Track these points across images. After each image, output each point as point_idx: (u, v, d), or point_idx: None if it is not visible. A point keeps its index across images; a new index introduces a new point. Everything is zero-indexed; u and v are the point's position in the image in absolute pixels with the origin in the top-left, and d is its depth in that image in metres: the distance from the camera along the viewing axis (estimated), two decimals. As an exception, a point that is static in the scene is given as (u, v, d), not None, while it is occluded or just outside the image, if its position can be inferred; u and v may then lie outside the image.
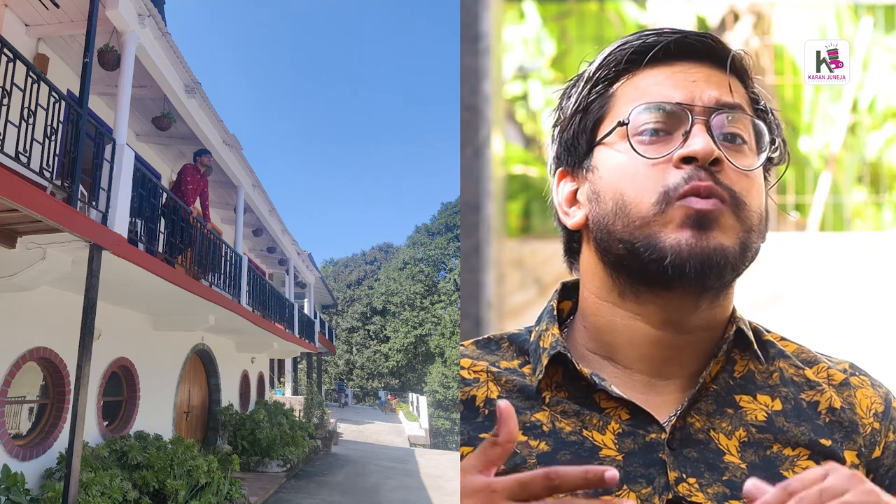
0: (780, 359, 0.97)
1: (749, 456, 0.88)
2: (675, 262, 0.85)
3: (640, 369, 0.93)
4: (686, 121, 0.88)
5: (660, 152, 0.88)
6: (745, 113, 0.91)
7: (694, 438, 0.89)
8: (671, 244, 0.85)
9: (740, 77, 0.94)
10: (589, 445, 0.89)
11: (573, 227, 0.97)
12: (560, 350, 0.94)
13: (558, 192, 1.00)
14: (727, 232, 0.86)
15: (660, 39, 0.91)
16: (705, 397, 0.92)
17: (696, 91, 0.89)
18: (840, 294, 3.06)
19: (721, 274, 0.86)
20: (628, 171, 0.89)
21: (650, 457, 0.87)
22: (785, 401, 0.92)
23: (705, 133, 0.87)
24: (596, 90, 0.95)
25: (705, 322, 0.91)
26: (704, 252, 0.84)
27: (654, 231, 0.86)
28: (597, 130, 0.94)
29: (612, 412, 0.90)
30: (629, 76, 0.93)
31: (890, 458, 0.92)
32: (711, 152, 0.85)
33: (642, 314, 0.92)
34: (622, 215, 0.89)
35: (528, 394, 0.94)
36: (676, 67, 0.92)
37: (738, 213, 0.86)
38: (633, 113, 0.90)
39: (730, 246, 0.85)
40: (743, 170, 0.88)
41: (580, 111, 0.96)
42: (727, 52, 0.92)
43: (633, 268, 0.89)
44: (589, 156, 0.95)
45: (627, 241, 0.88)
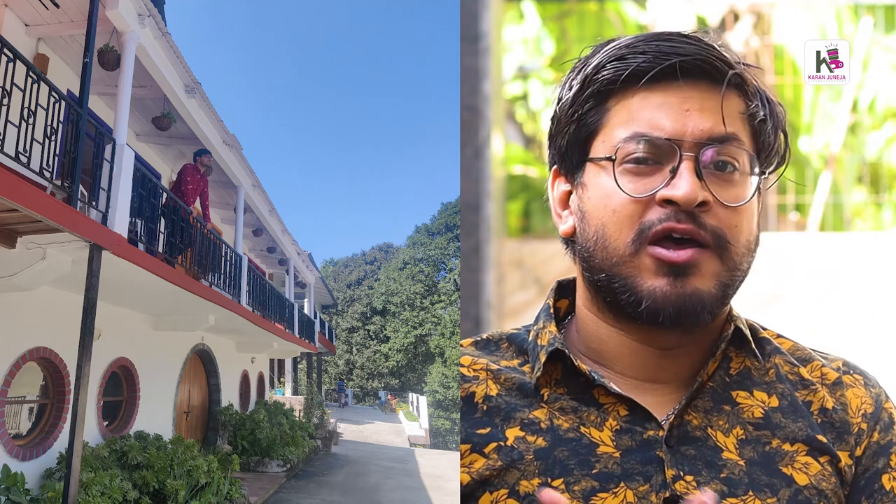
0: (776, 355, 0.97)
1: (748, 452, 0.88)
2: (651, 308, 0.85)
3: (633, 375, 0.93)
4: (674, 156, 0.85)
5: (645, 187, 0.86)
6: (738, 144, 0.88)
7: (691, 436, 0.89)
8: (647, 291, 0.85)
9: (740, 92, 0.90)
10: (586, 442, 0.89)
11: (563, 235, 0.97)
12: (558, 346, 0.94)
13: (554, 190, 1.00)
14: (706, 278, 0.85)
15: (655, 63, 0.87)
16: (702, 395, 0.92)
17: (687, 122, 0.86)
18: (840, 294, 3.06)
19: (696, 320, 0.86)
20: (612, 200, 0.88)
21: (648, 454, 0.87)
22: (781, 397, 0.93)
23: (692, 173, 0.84)
24: (590, 103, 0.92)
25: (693, 337, 0.91)
26: (680, 299, 0.84)
27: (632, 273, 0.86)
28: (589, 144, 0.92)
29: (611, 408, 0.91)
30: (622, 94, 0.90)
31: (868, 458, 0.91)
32: (695, 198, 0.83)
33: (626, 331, 0.92)
34: (601, 247, 0.88)
35: (527, 391, 0.95)
36: (670, 92, 0.88)
37: (721, 254, 0.85)
38: (621, 145, 0.88)
39: (707, 291, 0.85)
40: (732, 206, 0.86)
41: (574, 121, 0.93)
42: (725, 72, 0.88)
43: (611, 299, 0.89)
44: (581, 169, 0.93)
45: (606, 275, 0.88)
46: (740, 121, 0.89)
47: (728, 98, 0.88)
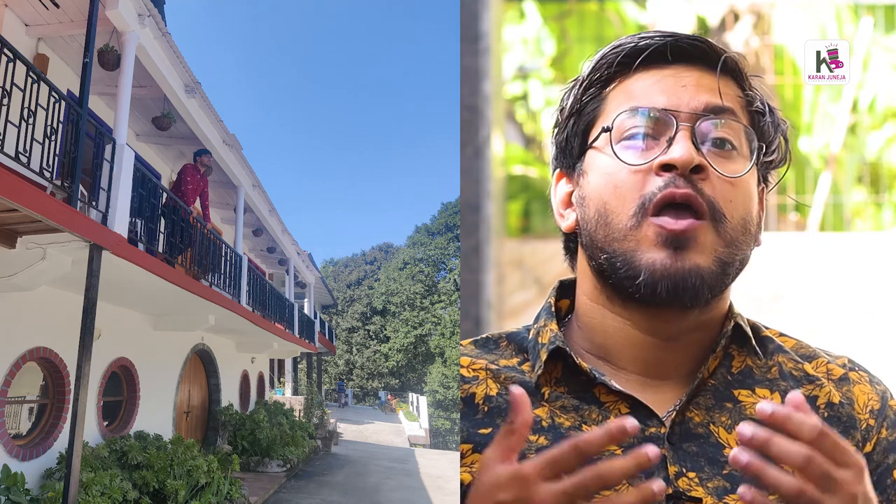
0: (779, 353, 0.97)
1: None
2: (648, 282, 0.85)
3: (635, 370, 0.94)
4: (671, 127, 0.87)
5: (643, 158, 0.87)
6: (734, 117, 0.89)
7: (693, 433, 0.89)
8: (646, 263, 0.86)
9: (735, 79, 0.93)
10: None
11: (566, 230, 0.98)
12: (559, 345, 0.94)
13: (556, 193, 1.01)
14: (704, 251, 0.85)
15: (651, 43, 0.90)
16: (704, 392, 0.92)
17: (683, 96, 0.89)
18: (840, 294, 3.06)
19: (696, 295, 0.86)
20: (612, 177, 0.89)
21: None
22: (784, 394, 0.92)
23: (688, 140, 0.86)
24: (589, 93, 0.95)
25: (697, 326, 0.91)
26: (679, 273, 0.84)
27: (632, 247, 0.87)
28: (589, 133, 0.94)
29: (612, 406, 0.91)
30: (620, 80, 0.93)
31: (879, 454, 0.92)
32: (691, 160, 0.85)
33: (631, 320, 0.92)
34: (603, 224, 0.89)
35: (528, 390, 0.94)
36: (667, 71, 0.91)
37: (717, 227, 0.86)
38: (618, 119, 0.90)
39: (706, 266, 0.85)
40: (728, 177, 0.87)
41: (574, 114, 0.96)
42: (720, 54, 0.91)
43: (613, 279, 0.90)
44: (581, 159, 0.95)
45: (608, 252, 0.89)
46: (737, 102, 0.91)
47: (724, 79, 0.91)
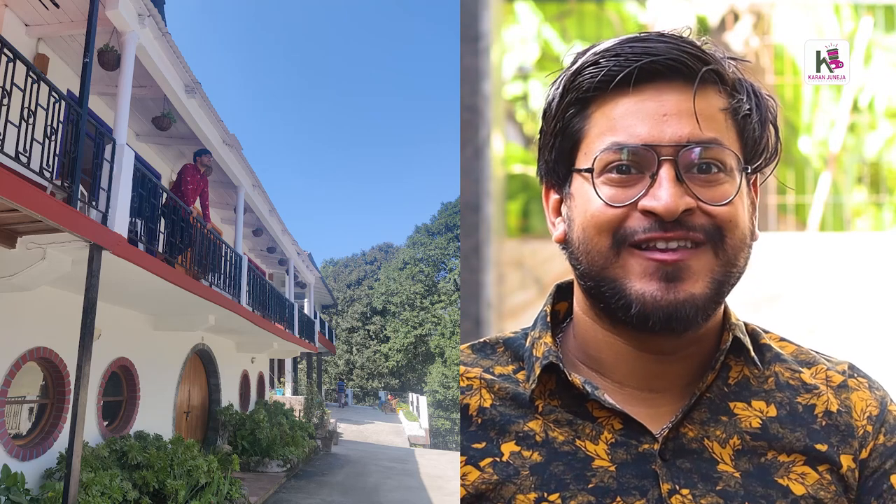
0: (777, 363, 0.95)
1: (743, 464, 0.87)
2: (640, 314, 0.83)
3: (630, 383, 0.92)
4: (652, 161, 0.83)
5: (626, 195, 0.84)
6: (719, 145, 0.84)
7: (687, 448, 0.88)
8: (636, 295, 0.83)
9: (720, 88, 0.87)
10: (582, 456, 0.89)
11: (556, 241, 0.96)
12: (552, 360, 0.93)
13: (547, 199, 0.99)
14: (699, 278, 0.83)
15: (624, 67, 0.84)
16: (699, 405, 0.91)
17: (665, 129, 0.83)
18: (840, 294, 3.06)
19: (689, 324, 0.83)
20: (591, 207, 0.86)
21: (643, 468, 0.87)
22: (780, 406, 0.92)
23: (671, 179, 0.82)
24: (571, 111, 0.90)
25: (692, 341, 0.90)
26: (671, 305, 0.82)
27: (620, 275, 0.84)
28: (574, 154, 0.91)
29: (605, 422, 0.90)
30: (601, 100, 0.88)
31: (876, 460, 0.91)
32: (676, 209, 0.81)
33: (622, 337, 0.91)
34: (584, 253, 0.87)
35: (521, 402, 0.94)
36: (647, 95, 0.85)
37: (716, 248, 0.83)
38: (599, 156, 0.86)
39: (700, 294, 0.83)
40: (718, 206, 0.83)
41: (558, 132, 0.92)
42: (699, 69, 0.84)
43: (602, 304, 0.88)
44: (568, 180, 0.92)
45: (595, 280, 0.87)
46: (722, 118, 0.86)
47: (706, 96, 0.85)
